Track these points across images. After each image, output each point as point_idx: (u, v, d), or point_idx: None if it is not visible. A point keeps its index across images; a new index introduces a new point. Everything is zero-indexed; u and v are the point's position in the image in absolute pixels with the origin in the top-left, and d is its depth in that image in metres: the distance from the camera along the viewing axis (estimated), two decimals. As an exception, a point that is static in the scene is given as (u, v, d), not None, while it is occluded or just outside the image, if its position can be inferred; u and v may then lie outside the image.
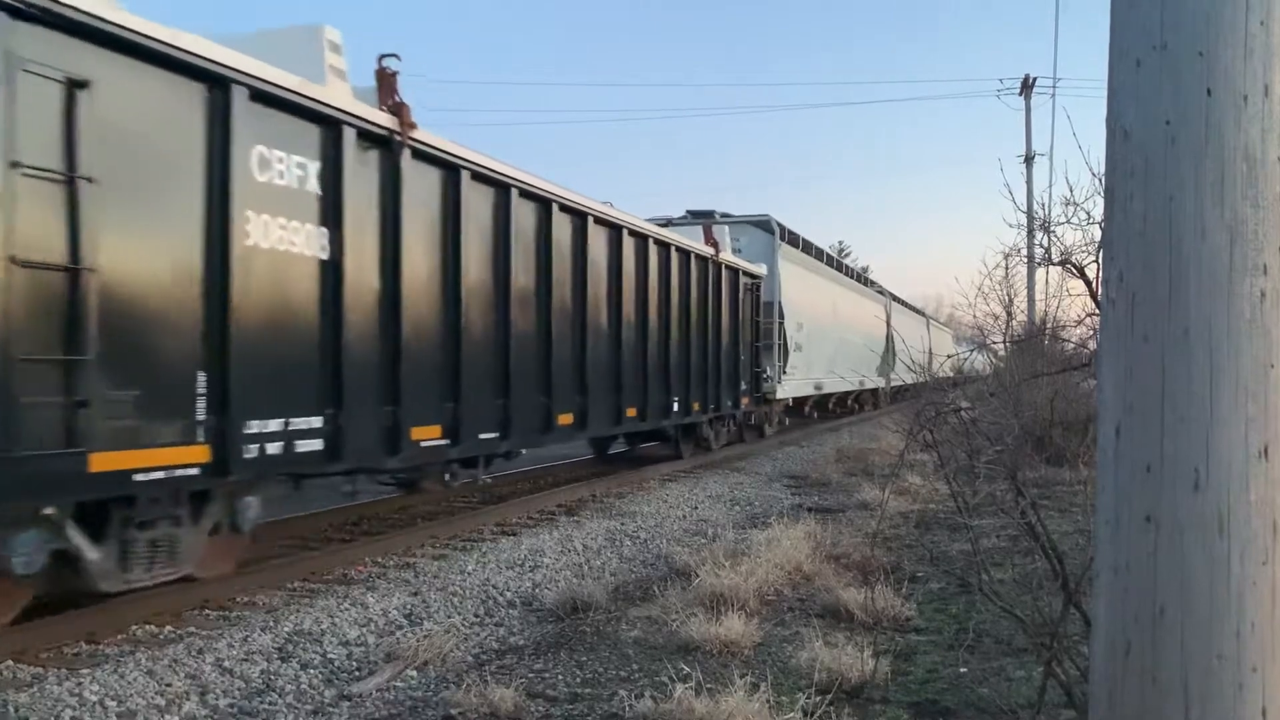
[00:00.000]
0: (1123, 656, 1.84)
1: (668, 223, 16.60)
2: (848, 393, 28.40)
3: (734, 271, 16.20)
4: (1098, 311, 3.72)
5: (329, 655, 5.33)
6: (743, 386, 16.64)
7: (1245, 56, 1.77)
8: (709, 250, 14.87)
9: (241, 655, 5.22)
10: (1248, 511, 1.75)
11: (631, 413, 11.93)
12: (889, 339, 31.73)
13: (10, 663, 5.01)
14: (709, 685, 4.22)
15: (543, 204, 9.85)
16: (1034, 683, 4.17)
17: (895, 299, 36.66)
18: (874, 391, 32.66)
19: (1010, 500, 4.02)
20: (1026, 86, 27.66)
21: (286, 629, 5.69)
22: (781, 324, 19.26)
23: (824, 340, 23.27)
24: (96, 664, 5.05)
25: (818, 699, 4.10)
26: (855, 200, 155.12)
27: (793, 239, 21.62)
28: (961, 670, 4.88)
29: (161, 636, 5.67)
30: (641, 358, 12.25)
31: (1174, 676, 1.77)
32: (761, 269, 17.95)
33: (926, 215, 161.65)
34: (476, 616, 6.24)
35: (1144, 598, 1.81)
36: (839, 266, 28.28)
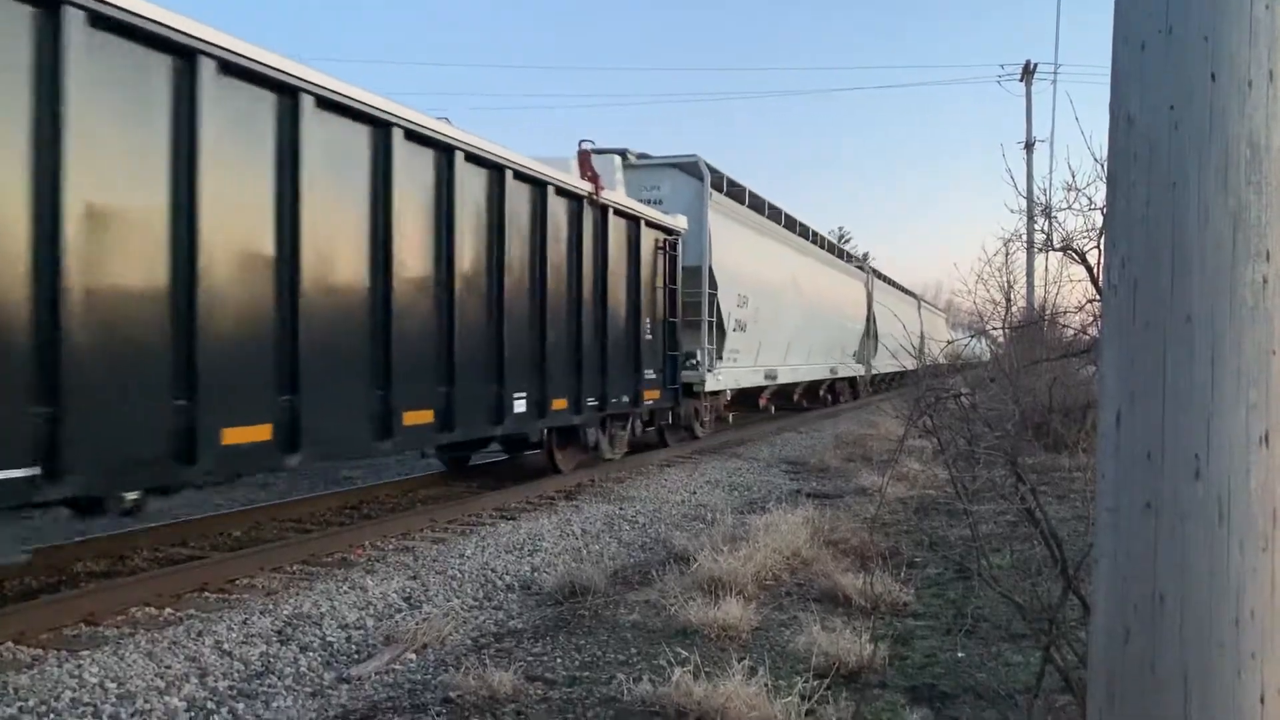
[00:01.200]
0: (1121, 643, 1.84)
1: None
2: (817, 382, 24.10)
3: (630, 220, 12.14)
4: (1098, 298, 3.72)
5: (328, 638, 5.35)
6: (648, 375, 12.57)
7: (1250, 41, 1.75)
8: (583, 186, 10.74)
9: (241, 638, 5.24)
10: (1248, 499, 1.75)
11: (419, 418, 7.82)
12: (870, 321, 28.11)
13: (10, 644, 5.03)
14: (707, 669, 4.24)
15: (186, 61, 5.63)
16: (1032, 668, 4.19)
17: (879, 275, 31.91)
18: (851, 381, 28.40)
19: (1009, 486, 4.02)
20: (1028, 72, 27.59)
21: (286, 612, 5.70)
22: (714, 296, 15.05)
23: (780, 319, 19.08)
24: (96, 646, 5.06)
25: (815, 683, 4.12)
26: (856, 188, 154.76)
27: (733, 190, 17.16)
28: (959, 655, 4.90)
29: (161, 618, 5.69)
30: (443, 335, 8.18)
31: (1173, 663, 1.77)
32: (681, 223, 13.79)
33: (928, 203, 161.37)
34: (475, 600, 6.26)
35: (1143, 585, 1.81)
36: (803, 232, 22.48)
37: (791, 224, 21.26)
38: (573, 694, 4.43)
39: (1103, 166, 3.96)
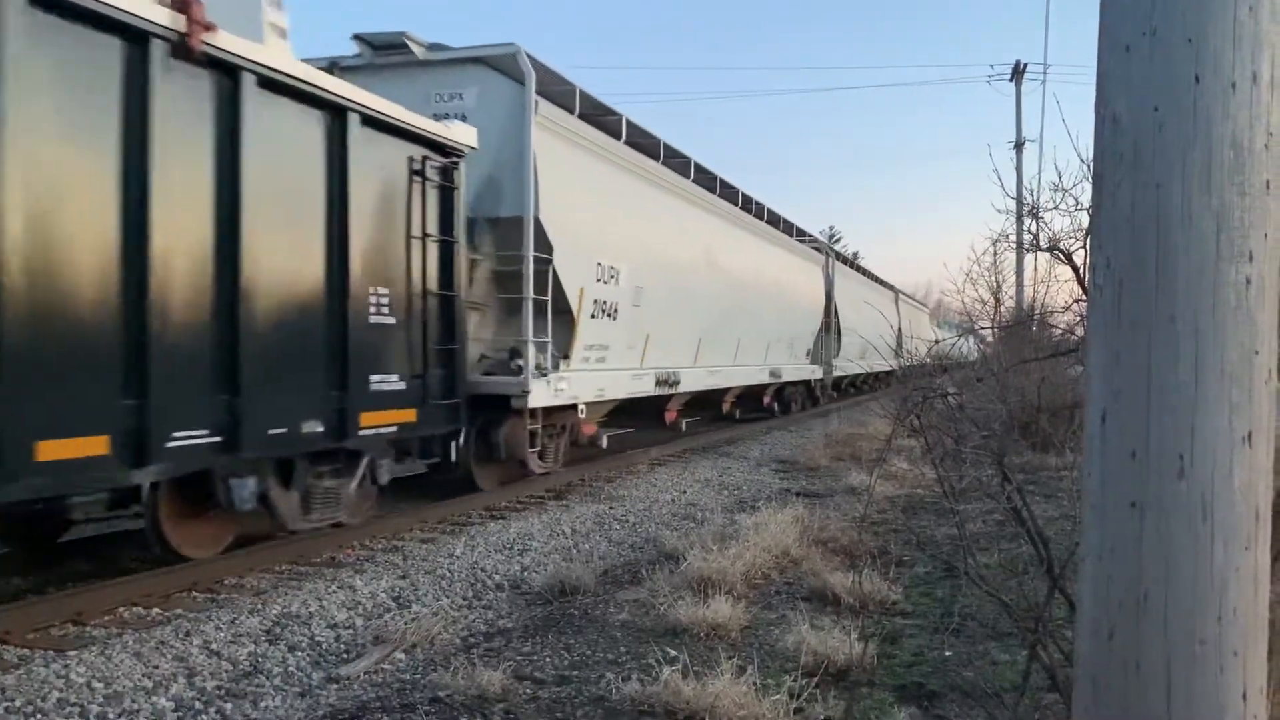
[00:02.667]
0: (1106, 641, 1.86)
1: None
2: (759, 387, 19.14)
3: (324, 111, 7.07)
4: (1085, 298, 3.74)
5: (317, 638, 5.34)
6: (381, 384, 7.59)
7: (1234, 44, 1.77)
8: (147, 10, 5.58)
9: (229, 637, 5.22)
10: (1231, 497, 1.77)
11: None
12: (831, 313, 23.61)
13: (-4, 644, 5.00)
14: (696, 668, 4.24)
15: None
16: (1018, 666, 4.21)
17: (841, 259, 27.05)
18: (807, 385, 23.34)
19: (996, 485, 4.04)
20: (1017, 73, 27.67)
21: (274, 611, 5.69)
22: (549, 265, 9.84)
23: (686, 305, 14.03)
24: (83, 645, 5.05)
25: (804, 682, 4.13)
26: (848, 188, 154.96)
27: (595, 114, 11.48)
28: (947, 654, 4.92)
29: (149, 618, 5.67)
30: None
31: (1157, 661, 1.79)
32: (461, 134, 8.73)
33: (921, 203, 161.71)
34: (464, 599, 6.26)
35: (1128, 583, 1.83)
36: (727, 193, 16.47)
37: (710, 182, 15.49)
38: (562, 693, 4.43)
39: (1089, 167, 3.98)
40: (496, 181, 9.63)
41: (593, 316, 11.11)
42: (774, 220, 19.73)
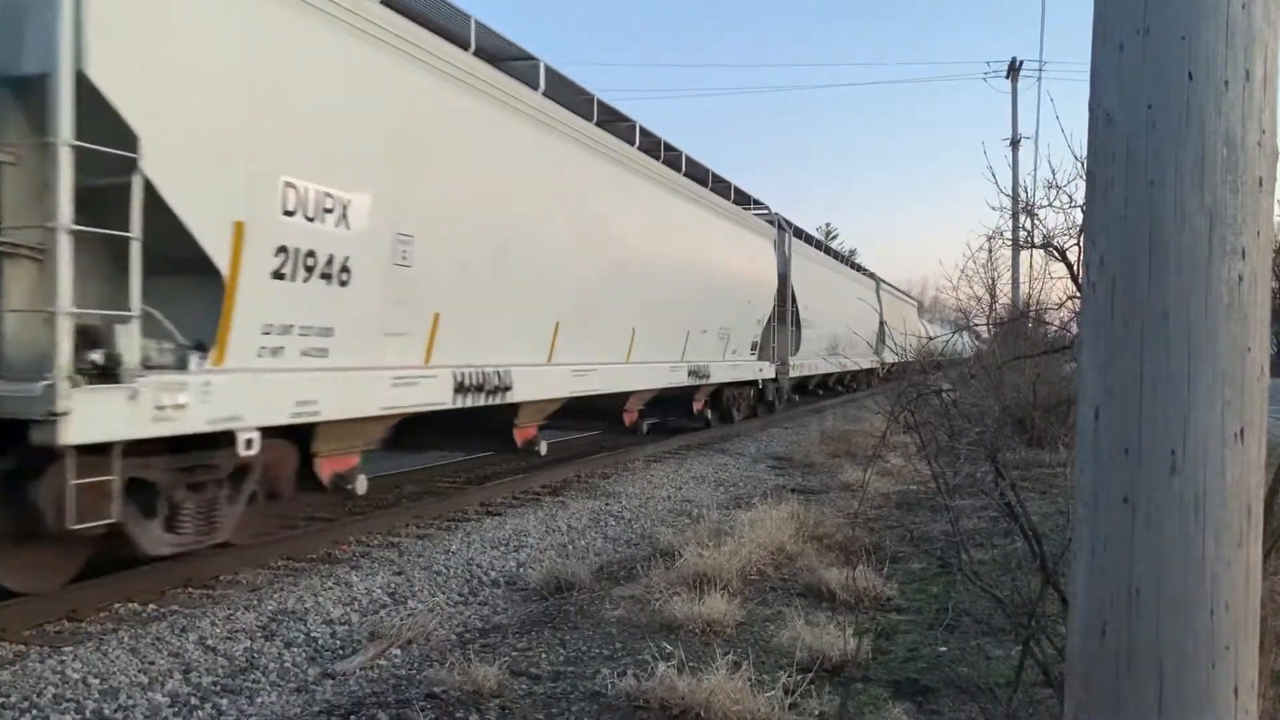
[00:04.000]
0: (1098, 636, 1.87)
1: None
2: (677, 390, 14.19)
3: None
4: (1079, 294, 3.75)
5: (313, 634, 5.34)
6: None
7: (1227, 41, 1.78)
8: None
9: (225, 633, 5.23)
10: (1223, 493, 1.77)
11: None
12: (787, 301, 19.49)
13: (-9, 641, 4.99)
14: (691, 664, 4.25)
15: None
16: (1012, 662, 4.22)
17: (802, 236, 21.83)
18: (755, 386, 19.02)
19: (990, 481, 4.05)
20: (1013, 70, 27.69)
21: (270, 607, 5.69)
22: (132, 170, 4.98)
23: (518, 270, 8.99)
24: (79, 642, 5.05)
25: (799, 677, 4.14)
26: (842, 185, 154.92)
27: None
28: (941, 649, 4.93)
29: (144, 614, 5.67)
30: None
31: (1148, 656, 1.80)
32: None
33: (915, 200, 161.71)
34: (460, 596, 6.26)
35: (1120, 578, 1.83)
36: (602, 118, 11.20)
37: (584, 105, 10.78)
38: (557, 689, 4.44)
39: (1083, 164, 3.99)
40: (16, 9, 5.08)
41: (278, 276, 6.19)
42: (699, 175, 14.57)
